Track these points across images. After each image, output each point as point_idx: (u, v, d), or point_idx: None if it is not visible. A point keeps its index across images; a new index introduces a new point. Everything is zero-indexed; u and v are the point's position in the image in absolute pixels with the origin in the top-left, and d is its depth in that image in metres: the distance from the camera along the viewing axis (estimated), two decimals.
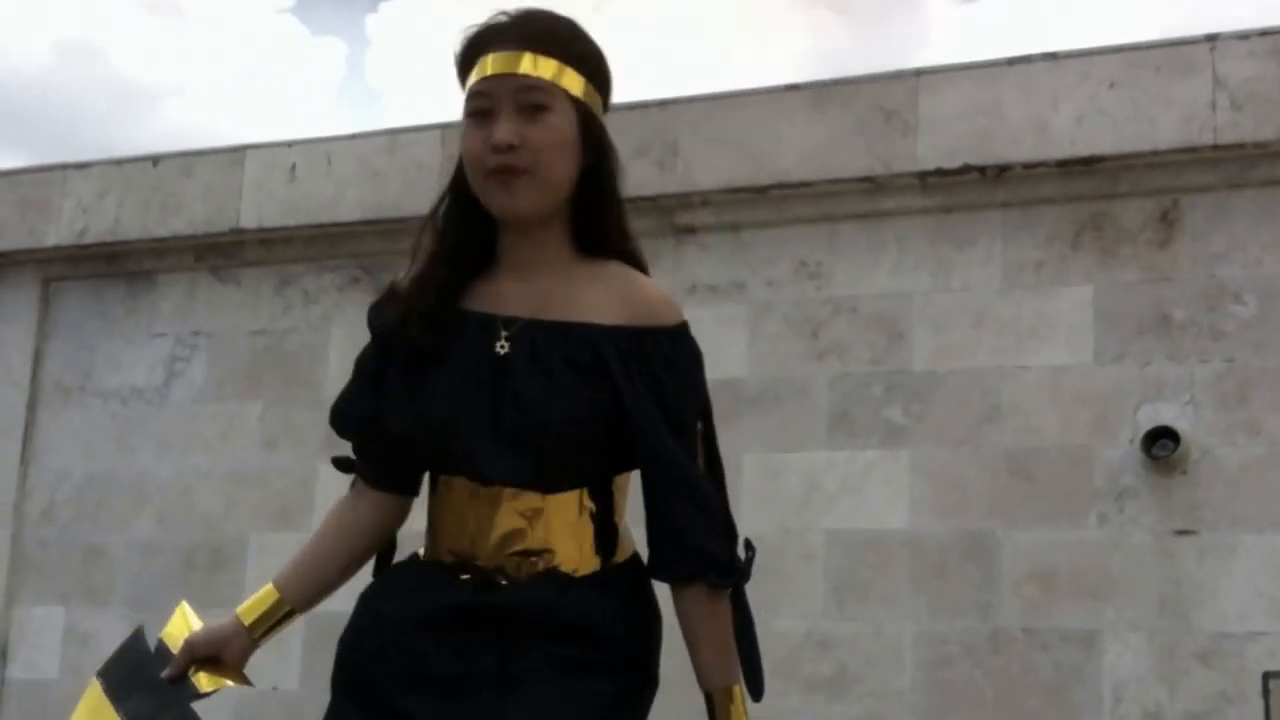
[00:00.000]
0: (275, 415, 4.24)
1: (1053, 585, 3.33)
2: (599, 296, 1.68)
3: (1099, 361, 3.42)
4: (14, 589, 4.39)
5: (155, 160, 4.42)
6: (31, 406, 4.51)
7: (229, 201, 4.27)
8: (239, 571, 4.15)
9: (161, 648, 1.79)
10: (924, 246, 3.67)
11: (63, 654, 4.28)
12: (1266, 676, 3.06)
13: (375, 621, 1.74)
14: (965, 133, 3.57)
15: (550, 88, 1.67)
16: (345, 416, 1.79)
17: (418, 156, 4.11)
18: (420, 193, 4.08)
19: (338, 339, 4.22)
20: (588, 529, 1.67)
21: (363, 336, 4.60)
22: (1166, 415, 3.30)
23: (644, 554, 1.69)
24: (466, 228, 1.72)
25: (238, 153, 4.30)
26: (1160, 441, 3.27)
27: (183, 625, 1.82)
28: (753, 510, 3.55)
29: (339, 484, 4.26)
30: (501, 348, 1.66)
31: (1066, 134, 3.48)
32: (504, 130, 1.63)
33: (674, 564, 1.64)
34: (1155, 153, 3.42)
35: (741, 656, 1.66)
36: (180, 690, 1.74)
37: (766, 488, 3.65)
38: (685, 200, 3.85)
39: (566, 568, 1.64)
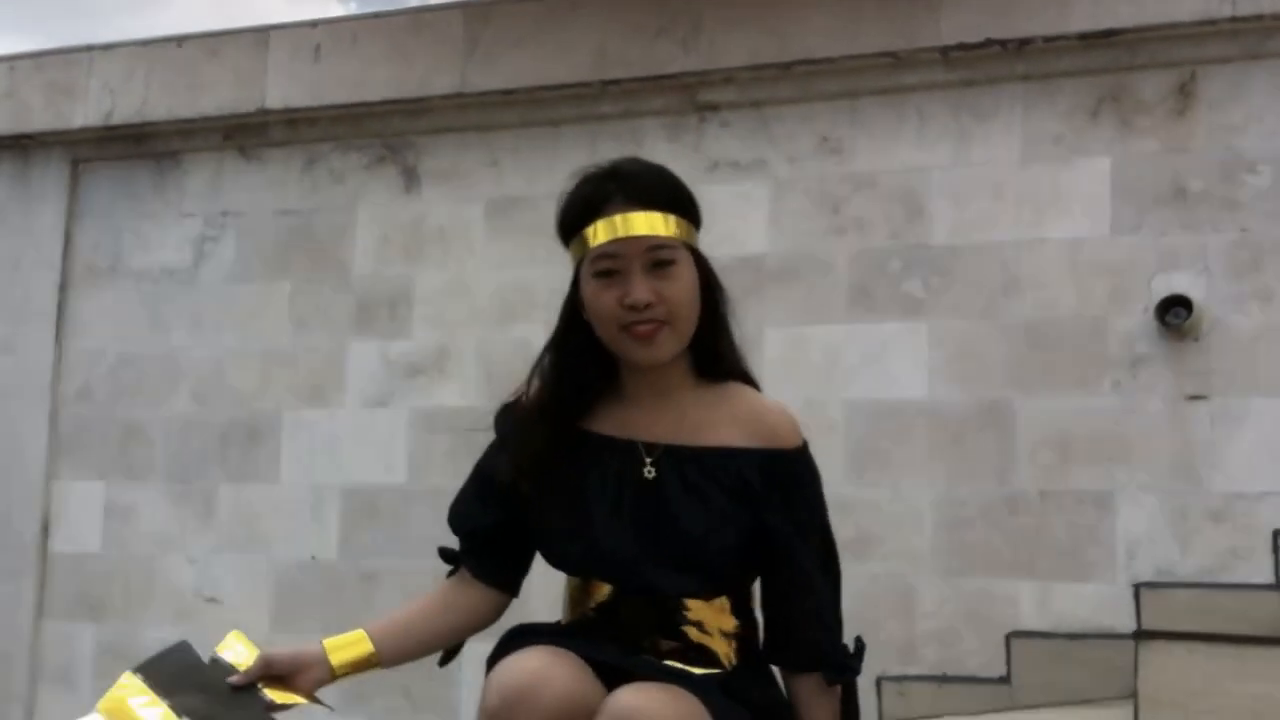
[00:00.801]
0: (305, 294, 4.35)
1: (1068, 450, 3.47)
2: (728, 420, 1.85)
3: (1116, 233, 3.51)
4: (53, 466, 4.54)
5: (180, 41, 4.47)
6: (64, 288, 4.62)
7: (254, 82, 4.33)
8: (274, 447, 4.29)
9: (217, 660, 1.85)
10: (945, 120, 3.74)
11: (104, 528, 4.44)
12: (1276, 534, 3.20)
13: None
14: (986, 7, 3.62)
15: (674, 244, 1.81)
16: (465, 521, 1.94)
17: (443, 35, 4.16)
18: (445, 71, 4.15)
19: (364, 218, 4.31)
20: (733, 626, 1.82)
21: (387, 215, 4.70)
22: (1180, 284, 3.40)
23: None
24: (588, 362, 1.86)
25: (262, 33, 4.36)
26: (1174, 310, 3.37)
27: (236, 645, 1.87)
28: (775, 382, 3.66)
29: (369, 361, 4.41)
30: (649, 472, 1.82)
31: (1086, 7, 3.53)
32: (642, 290, 1.78)
33: (794, 656, 1.84)
34: (1174, 25, 3.48)
35: None
36: (250, 697, 1.80)
37: (788, 361, 3.77)
38: (708, 77, 3.92)
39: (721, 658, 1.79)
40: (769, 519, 1.81)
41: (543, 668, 1.63)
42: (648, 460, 1.84)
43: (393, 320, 4.23)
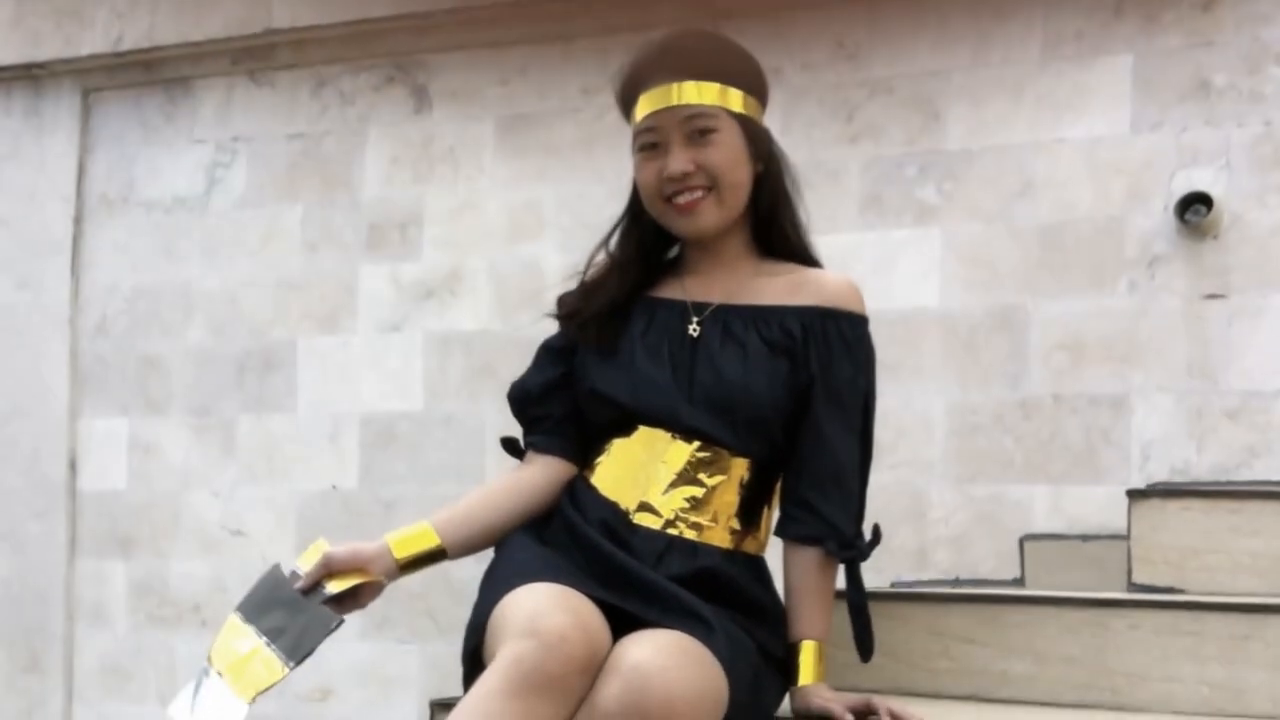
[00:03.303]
0: (316, 218, 4.49)
1: (1082, 353, 3.55)
2: (784, 287, 1.97)
3: (1136, 130, 3.58)
4: (76, 403, 4.72)
5: None
6: (78, 220, 4.80)
7: (261, 1, 4.48)
8: (290, 374, 4.45)
9: (296, 573, 1.97)
10: (964, 21, 3.81)
11: (129, 464, 4.63)
12: None
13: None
14: None
15: (714, 111, 1.91)
16: (527, 386, 2.06)
17: None
18: None
19: (374, 140, 4.45)
20: (737, 504, 1.93)
21: (397, 136, 4.83)
22: (1201, 181, 3.46)
23: None
24: (647, 242, 1.99)
25: None
26: (1193, 207, 3.44)
27: (316, 555, 1.98)
28: None
29: (380, 285, 4.55)
30: (694, 330, 1.95)
31: None
32: (678, 161, 1.91)
33: (799, 526, 1.94)
34: None
35: (856, 627, 1.97)
36: (315, 597, 1.93)
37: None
38: None
39: (718, 542, 1.91)
40: (804, 373, 1.92)
41: (573, 608, 1.69)
42: (695, 319, 1.97)
43: (403, 242, 4.37)
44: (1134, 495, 2.55)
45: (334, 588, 1.92)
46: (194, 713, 1.85)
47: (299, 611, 1.90)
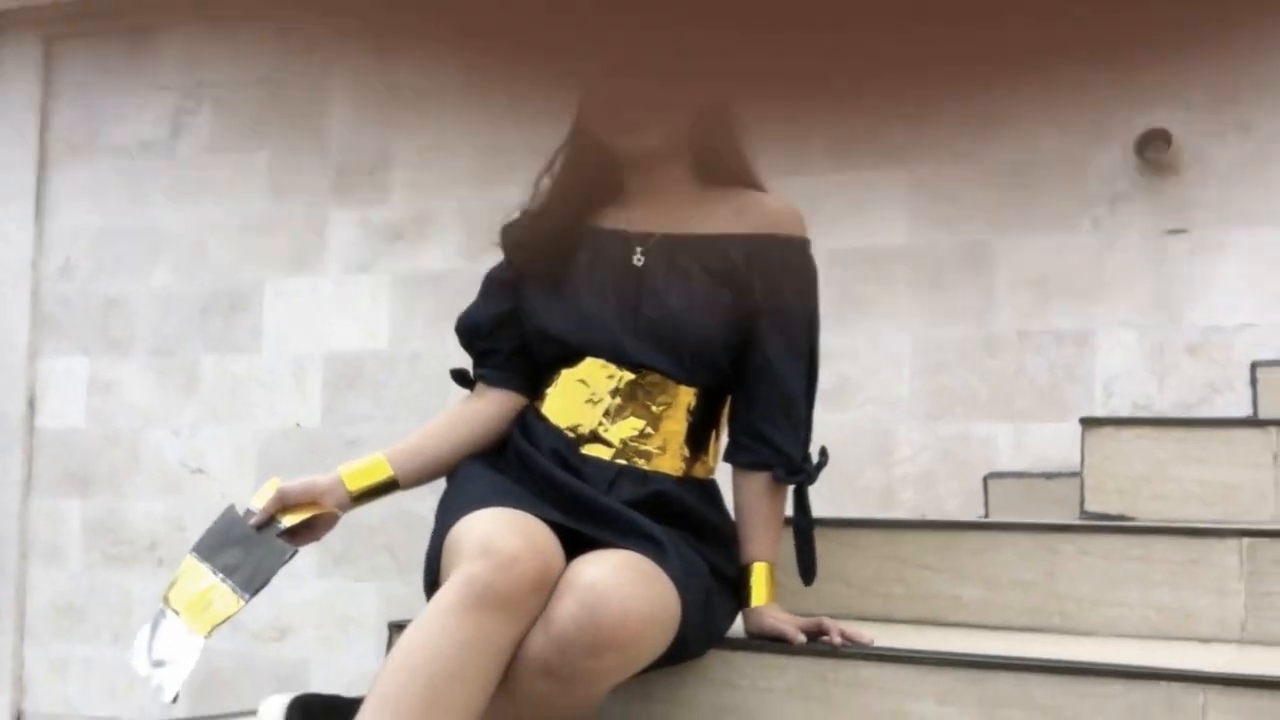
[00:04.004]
0: (282, 163, 4.49)
1: (1046, 290, 3.58)
2: (726, 213, 1.98)
3: (1094, 69, 3.59)
4: (36, 343, 4.73)
5: None
6: (42, 165, 4.78)
7: None
8: (256, 316, 4.47)
9: (251, 511, 1.98)
10: None
11: (88, 403, 4.64)
12: (1254, 366, 3.31)
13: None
14: None
15: None
16: (475, 319, 2.07)
17: None
18: None
19: (341, 84, 4.44)
20: (685, 430, 1.95)
21: (363, 82, 4.80)
22: (1160, 118, 3.49)
23: None
24: (589, 166, 1.99)
25: None
26: (1154, 144, 3.47)
27: (270, 492, 1.99)
28: None
29: (350, 230, 4.55)
30: (638, 260, 1.96)
31: None
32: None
33: (748, 454, 1.97)
34: None
35: (800, 550, 2.00)
36: (269, 531, 1.95)
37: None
38: None
39: (668, 469, 1.93)
40: (748, 301, 1.95)
41: (527, 531, 1.72)
42: (638, 249, 1.99)
43: (372, 186, 4.37)
44: (1087, 424, 2.59)
45: (289, 521, 1.95)
46: (151, 655, 1.86)
47: (254, 546, 1.92)
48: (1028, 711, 1.75)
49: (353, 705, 1.62)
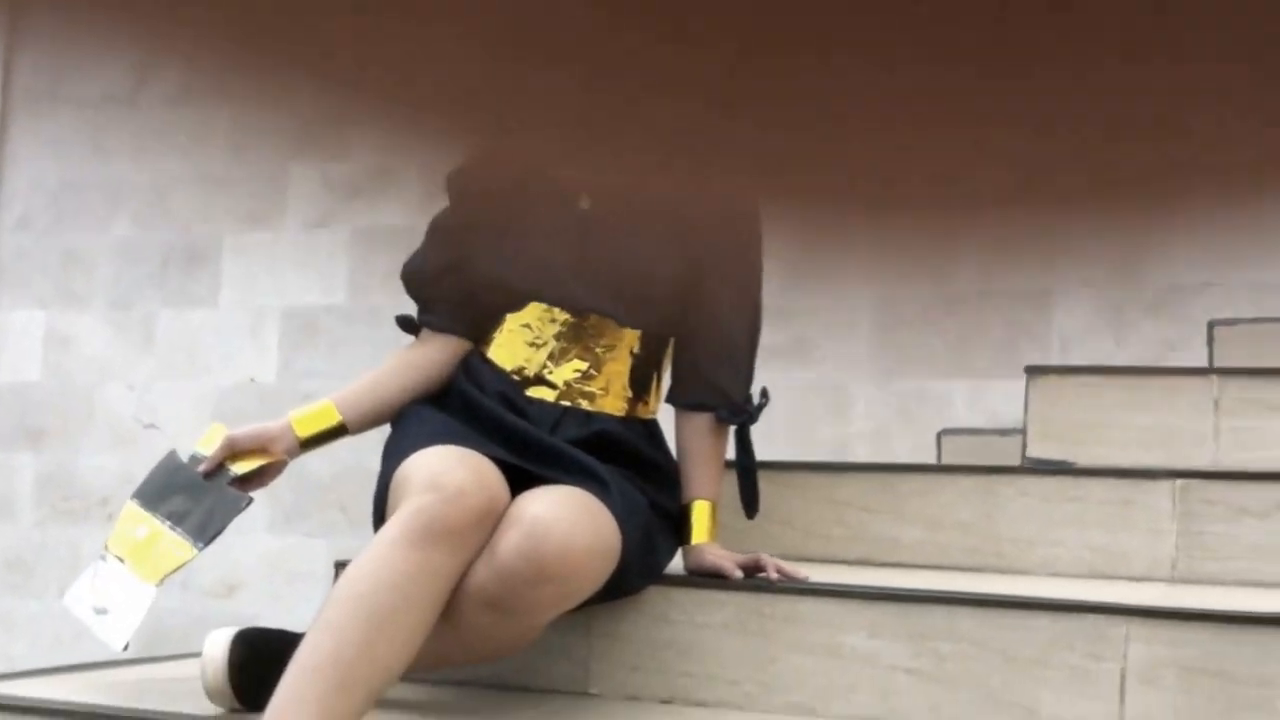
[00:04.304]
0: (245, 118, 4.53)
1: (1007, 248, 3.64)
2: None
3: None
4: None
5: None
6: (3, 117, 4.81)
7: None
8: (214, 270, 4.50)
9: (196, 457, 1.98)
10: None
11: (44, 356, 4.67)
12: (1211, 325, 3.38)
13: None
14: None
15: None
16: (420, 267, 2.11)
17: None
18: None
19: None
20: (629, 370, 2.01)
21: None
22: None
23: None
24: None
25: None
26: None
27: (216, 440, 1.99)
28: None
29: (311, 187, 4.57)
30: (585, 204, 2.01)
31: None
32: None
33: (691, 394, 2.03)
34: None
35: (743, 486, 2.05)
36: (219, 479, 1.95)
37: None
38: None
39: (611, 410, 1.97)
40: (694, 248, 2.01)
41: (473, 468, 1.76)
42: (584, 193, 2.05)
43: (333, 142, 4.41)
44: (1032, 373, 2.65)
45: (239, 469, 1.96)
46: (93, 600, 1.87)
47: (203, 494, 1.93)
48: (956, 643, 1.82)
49: (297, 639, 1.66)
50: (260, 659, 1.78)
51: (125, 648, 1.84)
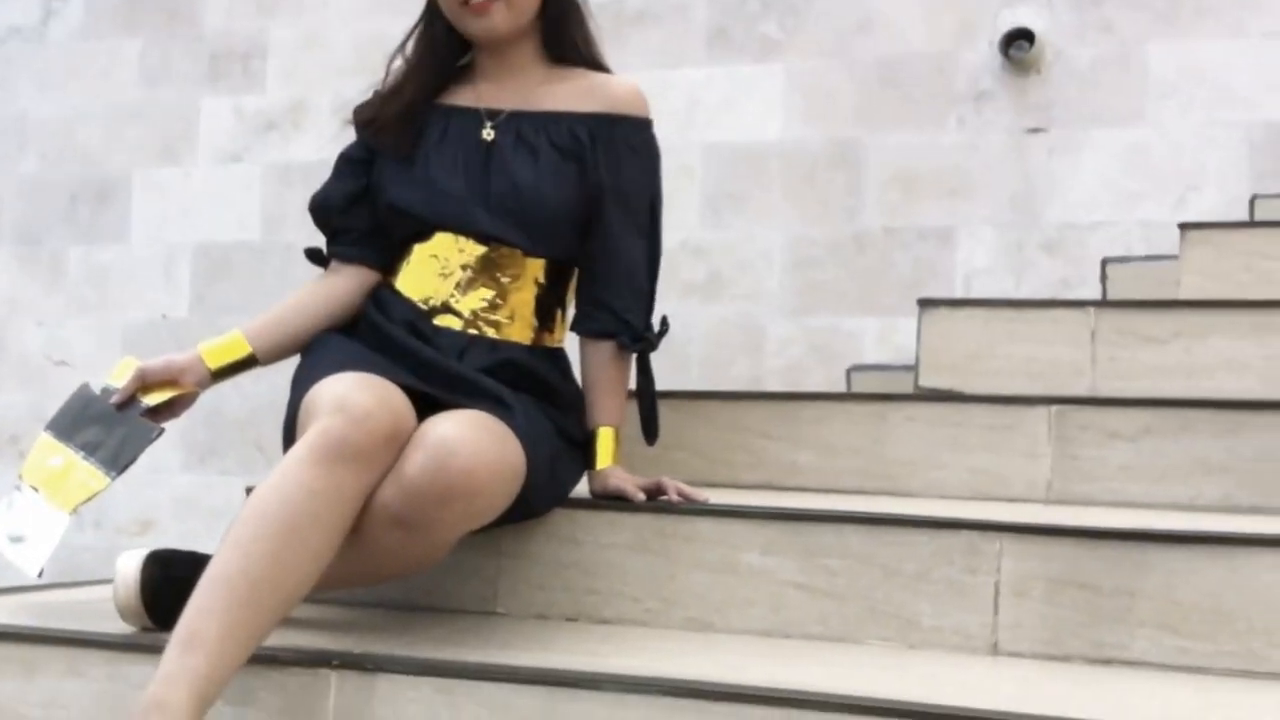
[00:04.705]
0: (155, 50, 4.55)
1: (913, 187, 3.79)
2: (573, 93, 2.13)
3: None
4: None
5: None
6: None
7: None
8: (124, 205, 4.54)
9: (108, 389, 2.03)
10: None
11: None
12: (1105, 262, 3.55)
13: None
14: None
15: None
16: (328, 198, 2.18)
17: None
18: None
19: None
20: (535, 298, 2.11)
21: None
22: (1024, 17, 3.70)
23: None
24: (441, 46, 2.12)
25: None
26: (1017, 43, 3.68)
27: (127, 372, 2.04)
28: None
29: (222, 119, 4.62)
30: (488, 135, 2.09)
31: None
32: None
33: (594, 323, 2.12)
34: None
35: (643, 411, 2.15)
36: (131, 410, 2.00)
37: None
38: None
39: (517, 338, 2.07)
40: (593, 178, 2.11)
41: (380, 392, 1.82)
42: (489, 123, 2.14)
43: (246, 75, 4.45)
44: (924, 305, 2.80)
45: (150, 400, 2.02)
46: (8, 528, 1.93)
47: (115, 425, 1.99)
48: (844, 560, 1.95)
49: (208, 559, 1.74)
50: (171, 578, 1.86)
51: (40, 574, 1.90)
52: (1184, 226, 3.12)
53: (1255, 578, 1.81)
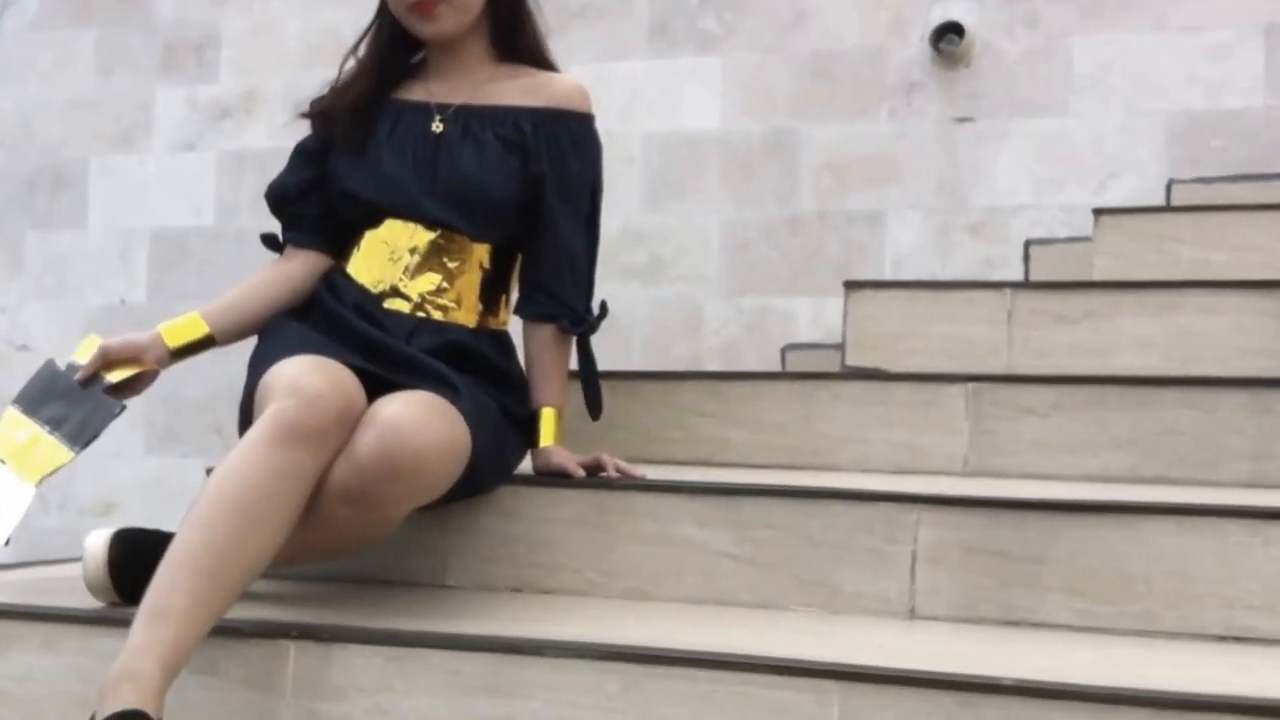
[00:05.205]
0: (110, 41, 4.57)
1: (846, 175, 3.88)
2: (519, 88, 2.20)
3: None
4: None
5: None
6: None
7: None
8: (81, 193, 4.57)
9: (73, 366, 2.08)
10: None
11: None
12: (1028, 244, 3.66)
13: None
14: None
15: None
16: (283, 186, 2.25)
17: None
18: None
19: None
20: (479, 282, 2.18)
21: None
22: (955, 12, 3.80)
23: None
24: (392, 44, 2.20)
25: None
26: (947, 36, 3.77)
27: (91, 350, 2.09)
28: None
29: (176, 107, 4.65)
30: (437, 128, 2.16)
31: None
32: None
33: (536, 307, 2.20)
34: None
35: (586, 391, 2.23)
36: (94, 387, 2.06)
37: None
38: None
39: (463, 321, 2.13)
40: (535, 169, 2.19)
41: (332, 375, 1.89)
42: (437, 117, 2.21)
43: (199, 65, 4.48)
44: (850, 288, 2.90)
45: (113, 378, 2.08)
46: None
47: (79, 401, 2.04)
48: (771, 530, 2.04)
49: (171, 537, 1.81)
50: (138, 555, 1.93)
51: (6, 543, 1.96)
52: (1098, 211, 3.22)
53: (1155, 543, 1.91)
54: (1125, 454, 2.38)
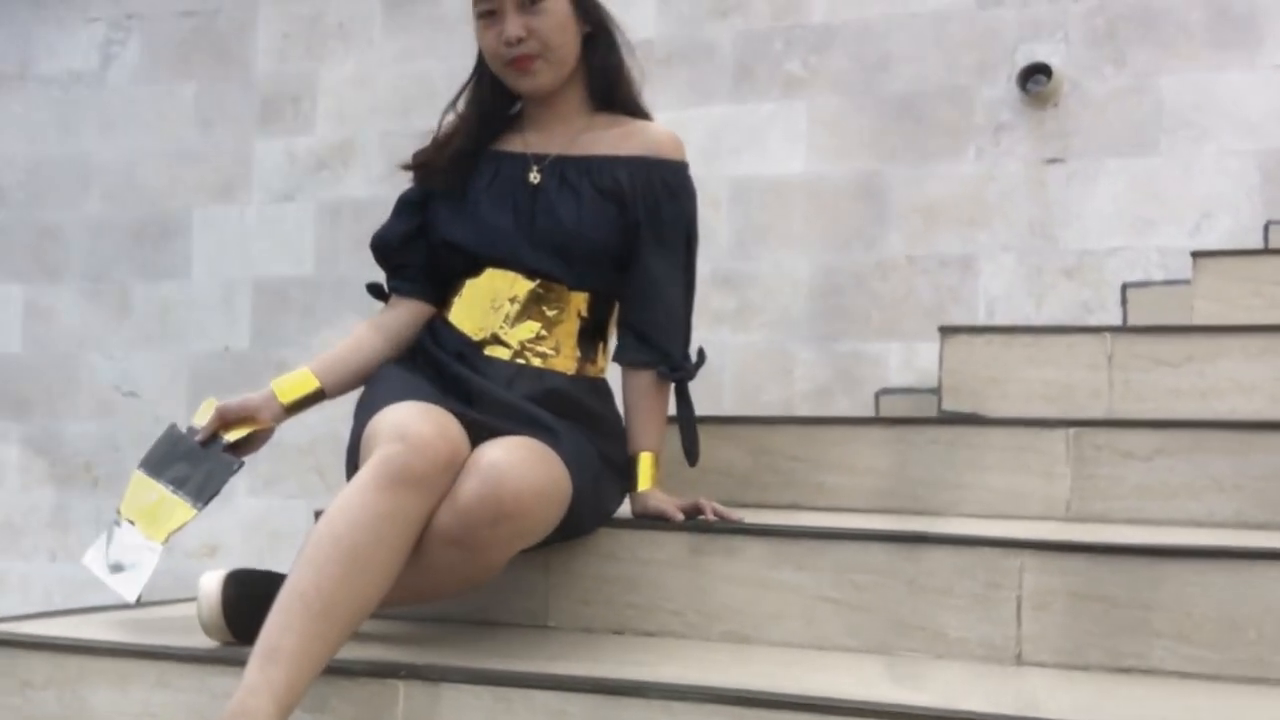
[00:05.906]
0: (210, 94, 4.67)
1: (934, 217, 3.86)
2: (614, 138, 2.23)
3: (981, 6, 3.87)
4: None
5: None
6: None
7: None
8: (185, 243, 4.66)
9: (193, 429, 2.17)
10: None
11: (24, 328, 4.83)
12: (1124, 287, 3.61)
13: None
14: None
15: None
16: (387, 236, 2.30)
17: None
18: None
19: (266, 17, 4.62)
20: (578, 329, 2.20)
21: (287, 12, 5.01)
22: (1041, 53, 3.77)
23: None
24: (492, 98, 2.25)
25: None
26: (1034, 77, 3.75)
27: (209, 412, 2.18)
28: None
29: (274, 157, 4.73)
30: (534, 178, 2.20)
31: None
32: (512, 27, 2.17)
33: (634, 354, 2.21)
34: None
35: (685, 438, 2.24)
36: (214, 447, 2.15)
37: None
38: None
39: (562, 369, 2.17)
40: (631, 218, 2.21)
41: (438, 421, 1.91)
42: (535, 168, 2.24)
43: (296, 116, 4.56)
44: (945, 333, 2.87)
45: (230, 437, 2.15)
46: (109, 559, 2.07)
47: (200, 461, 2.12)
48: (870, 575, 2.02)
49: (282, 578, 1.82)
50: (250, 595, 1.96)
51: (138, 600, 2.03)
52: (1196, 254, 3.18)
53: (1264, 589, 1.87)
54: (1230, 498, 2.33)
